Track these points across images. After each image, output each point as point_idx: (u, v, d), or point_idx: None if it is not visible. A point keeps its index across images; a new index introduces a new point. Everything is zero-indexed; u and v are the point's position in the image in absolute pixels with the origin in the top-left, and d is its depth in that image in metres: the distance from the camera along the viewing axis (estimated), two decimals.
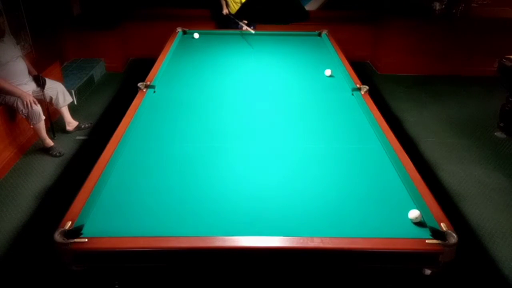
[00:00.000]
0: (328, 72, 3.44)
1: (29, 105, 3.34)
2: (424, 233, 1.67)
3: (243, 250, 1.60)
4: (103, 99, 4.74)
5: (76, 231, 1.61)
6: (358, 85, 3.10)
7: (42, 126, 3.53)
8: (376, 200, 1.91)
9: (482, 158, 3.67)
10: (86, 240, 1.57)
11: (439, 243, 1.60)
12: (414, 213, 1.75)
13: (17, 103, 3.35)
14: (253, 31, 4.19)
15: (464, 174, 3.48)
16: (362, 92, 3.00)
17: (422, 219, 1.75)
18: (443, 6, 5.55)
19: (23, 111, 3.37)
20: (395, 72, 5.65)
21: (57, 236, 1.56)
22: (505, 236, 2.81)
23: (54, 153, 3.59)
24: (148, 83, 3.04)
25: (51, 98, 3.72)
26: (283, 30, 4.52)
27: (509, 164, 3.58)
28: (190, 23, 4.67)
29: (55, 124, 4.09)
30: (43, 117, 3.49)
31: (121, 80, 5.25)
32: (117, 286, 1.79)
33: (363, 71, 5.45)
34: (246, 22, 4.21)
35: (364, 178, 2.08)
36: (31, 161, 3.51)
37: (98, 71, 5.25)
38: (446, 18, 5.52)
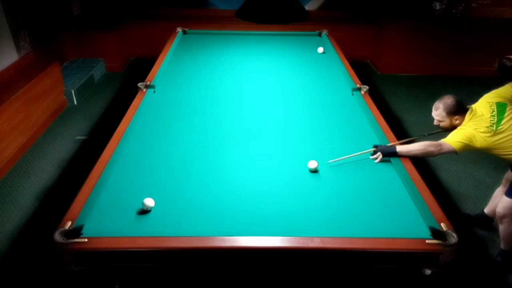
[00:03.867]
0: (320, 49, 3.79)
1: None
2: (424, 233, 1.67)
3: (243, 250, 1.60)
4: (103, 99, 4.73)
5: (76, 231, 1.61)
6: (358, 85, 3.10)
7: None
8: (376, 200, 1.91)
9: (482, 158, 3.67)
10: (86, 240, 1.57)
11: (439, 243, 1.60)
12: (313, 164, 2.05)
13: None
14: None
15: (464, 174, 3.48)
16: (362, 92, 3.00)
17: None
18: (443, 6, 5.54)
19: None
20: (395, 72, 5.64)
21: (57, 236, 1.56)
22: None
23: None
24: (148, 83, 3.04)
25: None
26: (283, 30, 4.51)
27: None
28: (190, 23, 4.67)
29: (56, 125, 4.09)
30: None
31: (121, 80, 5.24)
32: (117, 286, 1.79)
33: (363, 71, 5.45)
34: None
35: (364, 178, 2.08)
36: (31, 161, 3.51)
37: (98, 71, 5.25)
38: (446, 18, 5.51)
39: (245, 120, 2.68)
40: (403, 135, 4.01)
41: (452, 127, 2.29)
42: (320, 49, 3.93)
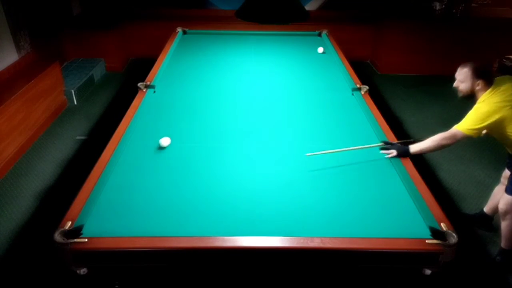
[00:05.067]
0: (320, 49, 3.87)
1: None
2: (424, 233, 1.67)
3: (243, 250, 1.60)
4: (103, 99, 4.74)
5: (76, 231, 1.61)
6: (358, 85, 3.10)
7: None
8: (376, 200, 1.91)
9: (482, 158, 3.67)
10: (86, 240, 1.57)
11: (439, 243, 1.60)
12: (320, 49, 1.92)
13: None
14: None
15: (464, 174, 3.48)
16: (362, 92, 3.00)
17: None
18: (443, 6, 5.55)
19: None
20: (395, 72, 5.64)
21: (57, 236, 1.56)
22: None
23: None
24: (148, 83, 3.04)
25: None
26: (283, 30, 4.51)
27: None
28: (190, 23, 4.67)
29: (56, 125, 4.09)
30: None
31: (121, 80, 5.25)
32: (117, 286, 1.79)
33: (363, 71, 5.45)
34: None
35: (364, 178, 2.08)
36: (31, 161, 3.51)
37: (98, 71, 5.25)
38: (446, 18, 5.51)
39: (245, 120, 2.68)
40: (403, 135, 4.01)
41: (471, 93, 2.21)
42: (320, 49, 3.94)
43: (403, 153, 2.20)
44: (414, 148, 2.22)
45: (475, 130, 2.11)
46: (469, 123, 2.13)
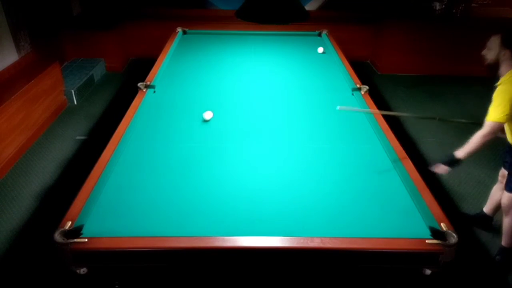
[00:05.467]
0: (320, 49, 3.87)
1: None
2: (424, 233, 1.67)
3: (243, 250, 1.60)
4: (103, 99, 4.74)
5: (76, 231, 1.61)
6: (358, 85, 3.10)
7: None
8: (376, 200, 1.91)
9: (482, 158, 3.67)
10: (86, 240, 1.57)
11: (439, 243, 1.60)
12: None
13: None
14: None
15: (464, 174, 3.48)
16: (362, 92, 3.00)
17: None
18: (443, 6, 5.55)
19: None
20: (395, 72, 5.64)
21: (57, 236, 1.56)
22: None
23: None
24: (148, 83, 3.04)
25: None
26: (283, 30, 4.51)
27: None
28: (190, 23, 4.67)
29: (56, 125, 4.10)
30: None
31: (121, 80, 5.25)
32: (117, 286, 1.79)
33: (363, 71, 5.45)
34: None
35: (364, 178, 2.08)
36: (31, 161, 3.51)
37: (98, 71, 5.25)
38: (446, 18, 5.51)
39: (245, 120, 2.68)
40: (403, 135, 4.01)
41: (494, 64, 2.17)
42: (320, 49, 3.94)
43: (451, 163, 2.21)
44: (460, 153, 2.21)
45: (507, 114, 2.07)
46: (499, 110, 2.09)
